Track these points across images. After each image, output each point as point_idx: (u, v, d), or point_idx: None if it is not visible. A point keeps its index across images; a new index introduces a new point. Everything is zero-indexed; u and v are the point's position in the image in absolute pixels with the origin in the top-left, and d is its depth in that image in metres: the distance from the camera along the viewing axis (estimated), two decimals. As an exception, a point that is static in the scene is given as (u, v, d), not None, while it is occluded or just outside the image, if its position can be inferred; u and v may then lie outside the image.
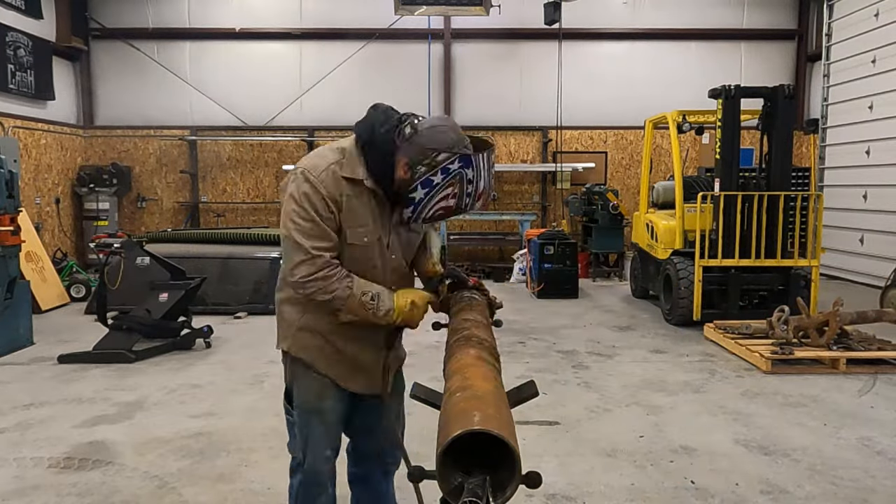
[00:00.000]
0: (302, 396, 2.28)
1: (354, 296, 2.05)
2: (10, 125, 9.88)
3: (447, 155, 1.97)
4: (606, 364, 5.83)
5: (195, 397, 4.92)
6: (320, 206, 2.03)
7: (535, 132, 12.46)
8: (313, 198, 2.03)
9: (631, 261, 9.34)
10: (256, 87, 12.27)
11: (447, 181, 1.98)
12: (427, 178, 1.99)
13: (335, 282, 2.03)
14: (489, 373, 1.56)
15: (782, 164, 6.94)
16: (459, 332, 1.87)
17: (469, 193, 2.00)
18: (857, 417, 4.49)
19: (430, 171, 1.98)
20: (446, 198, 2.01)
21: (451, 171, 1.97)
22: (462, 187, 1.99)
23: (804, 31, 12.42)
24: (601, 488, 3.43)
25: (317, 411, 2.25)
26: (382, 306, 2.07)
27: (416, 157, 2.00)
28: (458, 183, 1.99)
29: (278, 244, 8.65)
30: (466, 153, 1.98)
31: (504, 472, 1.26)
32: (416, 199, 2.03)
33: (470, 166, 1.97)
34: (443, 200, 2.01)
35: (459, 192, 2.00)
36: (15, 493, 3.40)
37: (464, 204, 2.02)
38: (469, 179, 1.99)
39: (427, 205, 2.03)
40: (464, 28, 12.19)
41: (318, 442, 2.26)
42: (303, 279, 2.03)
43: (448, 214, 2.07)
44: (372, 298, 2.06)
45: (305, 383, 2.26)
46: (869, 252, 9.84)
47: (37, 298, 7.52)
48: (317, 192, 2.03)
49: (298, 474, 2.32)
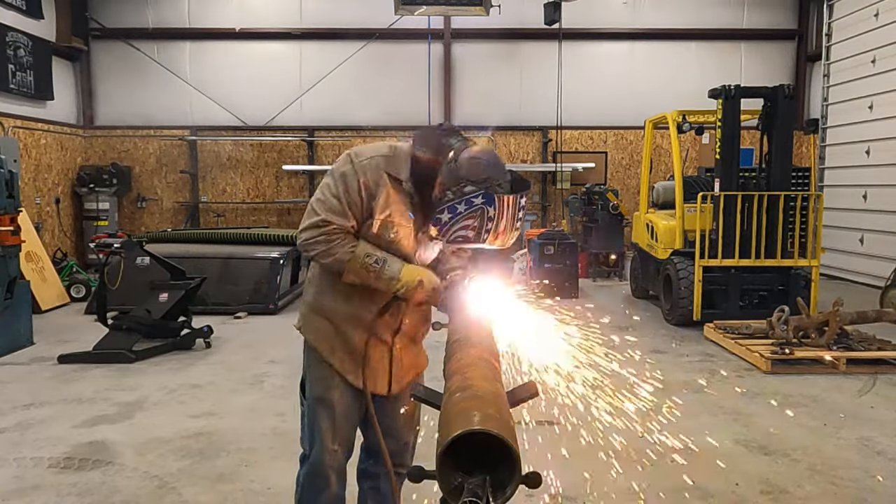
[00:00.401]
0: (312, 385, 2.32)
1: (357, 257, 2.11)
2: (10, 125, 9.88)
3: (473, 189, 2.00)
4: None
5: (195, 397, 4.92)
6: (352, 189, 2.12)
7: (535, 132, 12.46)
8: (349, 179, 2.13)
9: (631, 261, 9.33)
10: (256, 87, 12.27)
11: (468, 213, 2.02)
12: (453, 204, 2.03)
13: (337, 245, 2.11)
14: (489, 373, 1.56)
15: (782, 164, 6.94)
16: (459, 332, 1.87)
17: (487, 230, 2.04)
18: (857, 417, 4.49)
19: (456, 198, 2.02)
20: (466, 228, 2.04)
21: (473, 204, 2.01)
22: (482, 223, 2.02)
23: (804, 31, 12.43)
24: (601, 488, 3.43)
25: (324, 402, 2.28)
26: (387, 271, 2.12)
27: (448, 182, 2.05)
28: (479, 217, 2.02)
29: (278, 244, 8.75)
30: (491, 191, 2.00)
31: (504, 472, 1.26)
32: (441, 220, 2.07)
33: (493, 205, 2.00)
34: (462, 230, 2.05)
35: (478, 227, 2.03)
36: (15, 493, 3.40)
37: (481, 238, 2.06)
38: (490, 217, 2.01)
39: (450, 229, 2.07)
40: (464, 28, 12.19)
41: (325, 434, 2.28)
42: (306, 240, 2.13)
43: (467, 243, 2.10)
44: (376, 262, 2.11)
45: (316, 373, 2.30)
46: (869, 252, 9.84)
47: (37, 298, 7.51)
48: (354, 175, 2.13)
49: (304, 466, 2.36)
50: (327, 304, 2.27)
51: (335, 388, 2.27)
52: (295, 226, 11.66)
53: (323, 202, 2.13)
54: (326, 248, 2.11)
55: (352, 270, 2.12)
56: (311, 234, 2.12)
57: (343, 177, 2.14)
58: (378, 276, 2.11)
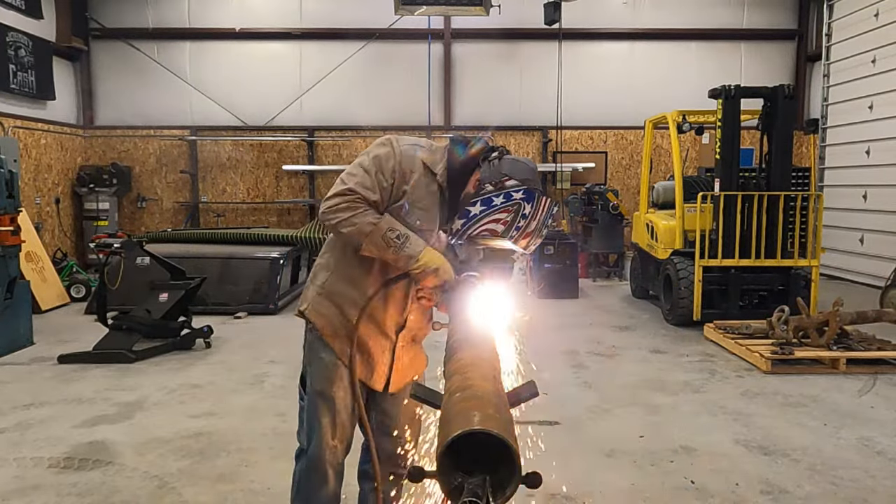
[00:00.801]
0: (314, 379, 2.30)
1: (379, 229, 2.08)
2: (10, 125, 9.88)
3: (516, 183, 2.07)
4: (606, 364, 5.83)
5: (195, 397, 4.92)
6: (386, 169, 2.14)
7: (535, 132, 12.46)
8: (384, 160, 2.15)
9: (631, 261, 9.34)
10: (256, 87, 12.27)
11: (505, 206, 2.07)
12: (490, 197, 2.07)
13: (360, 215, 2.09)
14: (489, 373, 1.56)
15: (782, 164, 6.94)
16: (459, 332, 1.87)
17: (518, 227, 2.08)
18: (857, 417, 4.49)
19: (496, 191, 2.07)
20: (497, 221, 2.08)
21: (512, 198, 2.06)
22: (515, 218, 2.07)
23: (804, 31, 12.43)
24: (601, 488, 3.43)
25: (325, 397, 2.26)
26: (408, 248, 2.09)
27: (488, 177, 2.10)
28: (514, 212, 2.07)
29: (278, 244, 8.74)
30: (533, 189, 2.08)
31: (504, 472, 1.26)
32: (471, 213, 2.10)
33: (531, 202, 2.06)
34: (493, 223, 2.08)
35: (510, 221, 2.07)
36: (15, 493, 3.40)
37: (509, 234, 2.09)
38: (524, 214, 2.07)
39: (479, 221, 2.09)
40: (464, 28, 12.19)
41: (325, 430, 2.26)
42: (331, 207, 2.11)
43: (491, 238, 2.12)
44: (398, 237, 2.09)
45: (318, 366, 2.29)
46: (869, 252, 9.84)
47: (37, 298, 7.52)
48: (391, 156, 2.15)
49: (302, 461, 2.34)
50: (340, 289, 2.26)
51: (338, 383, 2.26)
52: (295, 226, 11.72)
53: (353, 175, 2.13)
54: (350, 215, 2.08)
55: (373, 241, 2.09)
56: (336, 201, 2.10)
57: (378, 158, 2.15)
58: (398, 250, 2.09)
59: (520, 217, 2.06)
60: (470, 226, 2.10)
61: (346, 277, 2.26)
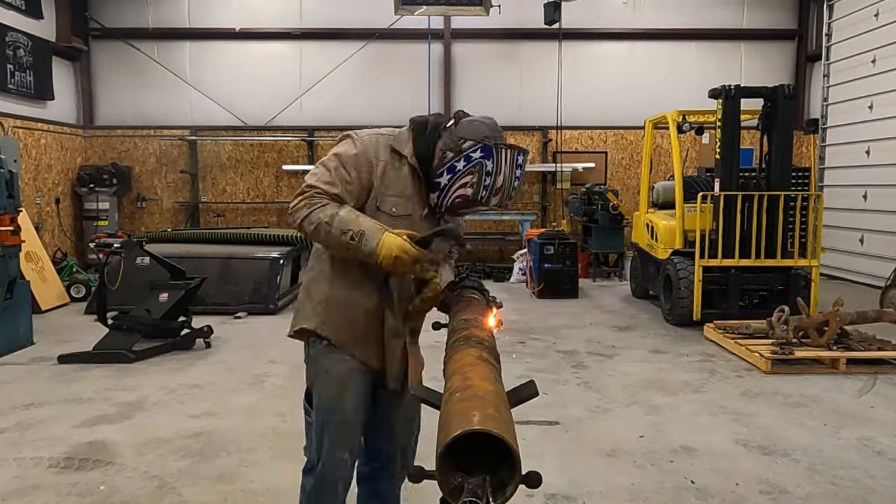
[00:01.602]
0: (322, 395, 2.25)
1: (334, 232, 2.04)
2: (10, 125, 9.88)
3: (472, 143, 2.07)
4: (606, 364, 5.83)
5: (195, 397, 4.92)
6: (348, 161, 2.14)
7: (535, 132, 12.45)
8: (345, 154, 2.16)
9: (631, 261, 9.34)
10: (256, 87, 12.26)
11: (467, 169, 2.07)
12: (452, 163, 2.09)
13: (318, 210, 2.06)
14: (489, 373, 1.56)
15: (782, 164, 6.94)
16: (459, 332, 1.87)
17: (486, 186, 2.07)
18: (857, 417, 4.49)
19: (456, 157, 2.08)
20: (464, 186, 2.09)
21: (472, 159, 2.06)
22: (480, 178, 2.07)
23: (804, 31, 12.42)
24: (601, 488, 3.43)
25: (335, 412, 2.22)
26: (364, 247, 2.03)
27: (448, 144, 2.11)
28: (478, 173, 2.06)
29: (278, 244, 8.74)
30: (489, 144, 2.06)
31: (504, 472, 1.26)
32: (441, 184, 2.11)
33: (491, 158, 2.05)
34: (461, 188, 2.09)
35: (477, 182, 2.08)
36: (15, 493, 3.40)
37: (479, 196, 2.08)
38: (488, 171, 2.06)
39: (448, 191, 2.11)
40: (464, 28, 12.19)
41: (336, 443, 2.22)
42: (293, 208, 2.11)
43: (466, 205, 2.13)
44: (352, 238, 2.03)
45: (325, 382, 2.24)
46: (869, 252, 9.84)
47: (37, 298, 7.52)
48: (353, 148, 2.16)
49: (311, 477, 2.29)
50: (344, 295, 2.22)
51: (347, 396, 2.22)
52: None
53: (314, 174, 2.14)
54: (308, 212, 2.06)
55: (331, 245, 2.10)
56: (296, 200, 2.10)
57: (338, 154, 2.16)
58: (357, 250, 2.04)
59: (484, 175, 2.06)
60: (443, 197, 2.12)
61: (346, 283, 2.21)
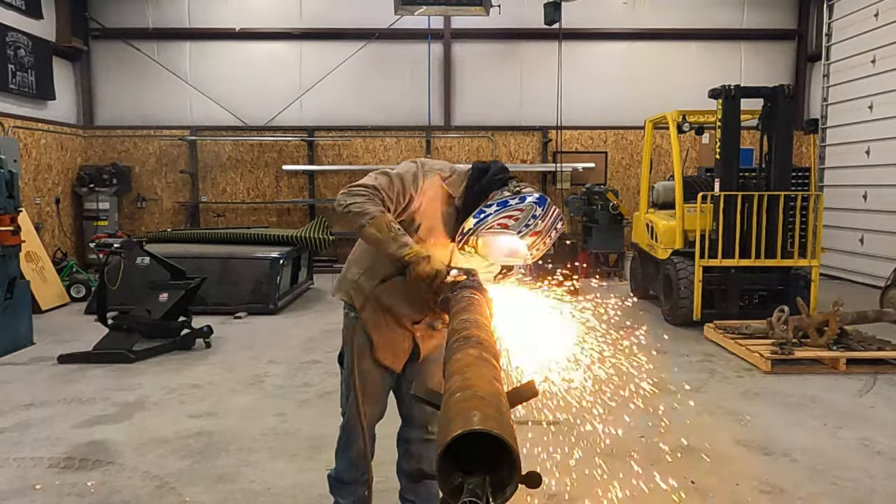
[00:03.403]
0: (349, 357, 2.62)
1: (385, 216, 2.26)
2: (10, 125, 9.88)
3: (532, 190, 2.33)
4: (606, 364, 5.82)
5: (195, 397, 4.92)
6: (407, 182, 2.38)
7: (535, 132, 12.45)
8: (408, 175, 2.40)
9: (631, 261, 9.33)
10: (256, 87, 12.26)
11: (518, 206, 2.27)
12: (506, 199, 2.29)
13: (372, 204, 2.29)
14: (489, 373, 1.56)
15: (782, 164, 6.94)
16: (459, 332, 1.87)
17: (528, 224, 2.26)
18: (857, 417, 4.49)
19: (511, 196, 2.30)
20: (510, 217, 2.26)
21: (526, 199, 2.28)
22: (526, 216, 2.26)
23: (804, 31, 12.42)
24: (601, 489, 3.43)
25: (357, 371, 2.57)
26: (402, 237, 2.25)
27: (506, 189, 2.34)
28: (526, 212, 2.26)
29: (278, 244, 8.74)
30: (545, 197, 2.32)
31: (504, 472, 1.26)
32: (485, 212, 2.30)
33: (542, 206, 2.27)
34: (506, 218, 2.27)
35: (521, 219, 2.25)
36: (15, 493, 3.40)
37: (519, 229, 2.25)
38: (535, 215, 2.26)
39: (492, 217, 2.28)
40: (464, 28, 12.19)
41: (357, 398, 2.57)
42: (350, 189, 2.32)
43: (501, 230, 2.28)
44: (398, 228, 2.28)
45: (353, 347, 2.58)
46: (869, 252, 9.84)
47: (37, 298, 7.52)
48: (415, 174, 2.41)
49: (343, 421, 2.69)
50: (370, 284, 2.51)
51: (366, 359, 2.57)
52: (295, 226, 11.72)
53: (376, 177, 2.36)
54: (363, 200, 2.28)
55: (374, 225, 2.25)
56: (358, 189, 2.31)
57: (404, 174, 2.40)
58: (395, 237, 2.24)
59: (531, 216, 2.25)
60: (481, 222, 2.29)
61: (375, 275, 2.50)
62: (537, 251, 2.29)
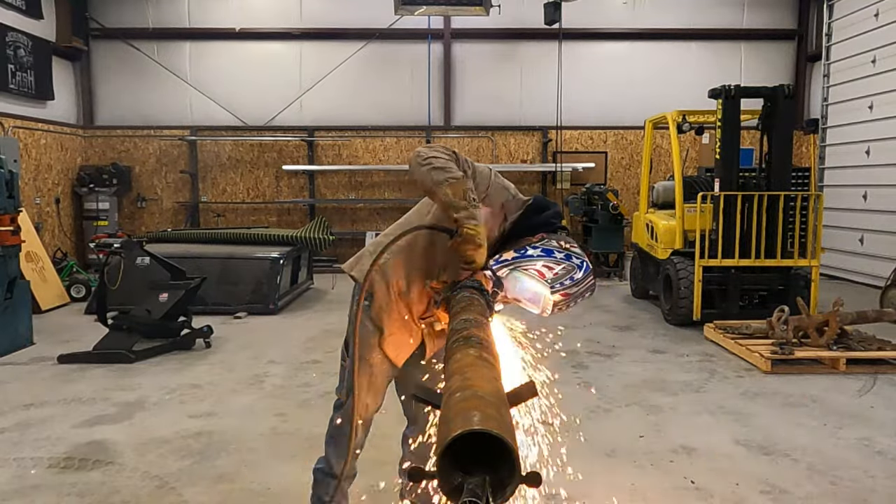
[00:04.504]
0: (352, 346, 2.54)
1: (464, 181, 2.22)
2: (10, 125, 9.88)
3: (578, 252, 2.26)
4: (606, 364, 5.83)
5: (195, 397, 4.92)
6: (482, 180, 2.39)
7: (535, 132, 12.45)
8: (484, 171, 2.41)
9: (631, 261, 9.33)
10: (256, 87, 12.26)
11: (562, 259, 2.22)
12: (552, 249, 2.23)
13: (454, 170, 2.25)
14: (489, 373, 1.56)
15: (782, 164, 6.94)
16: (459, 332, 1.87)
17: (563, 284, 2.20)
18: (857, 417, 4.49)
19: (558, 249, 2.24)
20: (549, 268, 2.21)
21: (571, 257, 2.23)
22: (565, 273, 2.20)
23: (804, 31, 12.42)
24: (601, 489, 3.43)
25: (364, 362, 2.52)
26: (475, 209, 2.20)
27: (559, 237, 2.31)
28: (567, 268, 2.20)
29: (278, 244, 8.74)
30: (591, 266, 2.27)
31: (504, 471, 1.25)
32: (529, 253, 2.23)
33: (583, 272, 2.22)
34: (545, 268, 2.21)
35: (560, 274, 2.19)
36: (15, 493, 3.40)
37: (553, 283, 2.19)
38: (573, 277, 2.21)
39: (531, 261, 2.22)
40: (464, 28, 12.19)
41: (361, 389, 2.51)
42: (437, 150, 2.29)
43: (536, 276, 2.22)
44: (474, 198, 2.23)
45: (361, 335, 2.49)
46: (869, 252, 9.84)
47: (37, 298, 7.52)
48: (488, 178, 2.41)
49: (339, 411, 2.63)
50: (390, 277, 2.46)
51: (374, 351, 2.52)
52: (295, 226, 11.73)
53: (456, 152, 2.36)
54: (445, 164, 2.24)
55: (454, 186, 2.20)
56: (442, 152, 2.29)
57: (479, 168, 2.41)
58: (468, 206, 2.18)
59: (569, 276, 2.20)
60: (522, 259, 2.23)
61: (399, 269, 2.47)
62: (557, 310, 2.24)
